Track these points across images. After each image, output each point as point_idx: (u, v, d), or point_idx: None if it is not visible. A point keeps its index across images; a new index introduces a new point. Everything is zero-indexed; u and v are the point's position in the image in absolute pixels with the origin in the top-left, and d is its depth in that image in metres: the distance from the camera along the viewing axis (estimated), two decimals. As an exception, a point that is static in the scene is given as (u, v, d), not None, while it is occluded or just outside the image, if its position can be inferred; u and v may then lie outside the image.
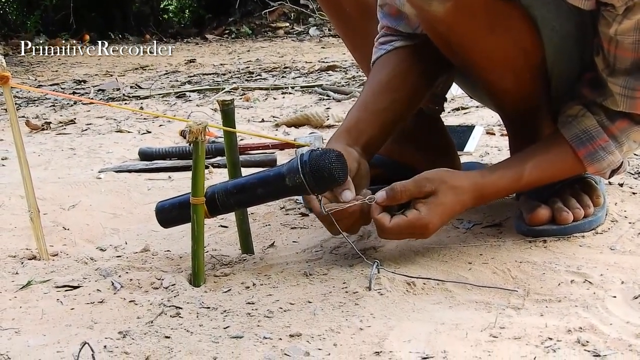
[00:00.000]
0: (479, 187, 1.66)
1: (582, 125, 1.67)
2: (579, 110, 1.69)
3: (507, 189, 1.72)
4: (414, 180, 1.61)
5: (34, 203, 1.77)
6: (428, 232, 1.60)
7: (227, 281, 1.61)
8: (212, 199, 1.60)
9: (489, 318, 1.37)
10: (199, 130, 1.54)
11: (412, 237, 1.64)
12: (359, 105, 1.79)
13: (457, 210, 1.64)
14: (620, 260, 1.59)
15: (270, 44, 6.97)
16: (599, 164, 1.68)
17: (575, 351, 1.24)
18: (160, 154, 2.79)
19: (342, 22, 2.10)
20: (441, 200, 1.60)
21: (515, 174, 1.69)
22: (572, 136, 1.68)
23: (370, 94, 1.80)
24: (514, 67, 1.70)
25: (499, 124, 2.91)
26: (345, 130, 1.74)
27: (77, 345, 1.30)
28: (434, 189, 1.60)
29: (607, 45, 1.59)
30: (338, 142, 1.70)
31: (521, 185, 1.71)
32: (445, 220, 1.63)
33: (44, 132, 3.47)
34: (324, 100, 3.93)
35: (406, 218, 1.58)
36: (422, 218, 1.58)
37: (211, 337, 1.36)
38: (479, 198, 1.66)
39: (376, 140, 1.76)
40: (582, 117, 1.68)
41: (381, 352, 1.27)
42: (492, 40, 1.64)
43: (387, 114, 1.77)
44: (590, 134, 1.67)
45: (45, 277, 1.67)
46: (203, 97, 4.21)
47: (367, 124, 1.75)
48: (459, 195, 1.62)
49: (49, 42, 7.42)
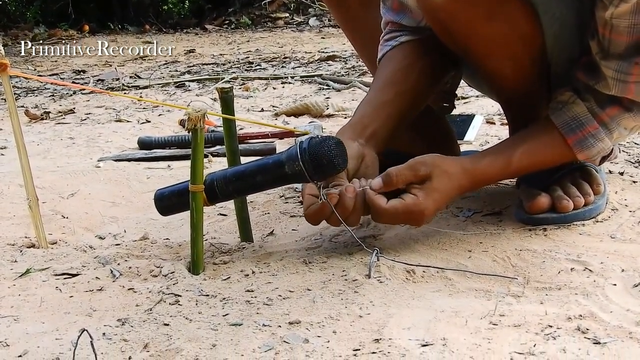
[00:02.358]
0: (470, 173, 1.65)
1: (572, 112, 1.67)
2: (569, 96, 1.69)
3: (497, 175, 1.73)
4: (408, 165, 1.60)
5: (32, 191, 1.76)
6: (423, 218, 1.59)
7: (226, 269, 1.61)
8: (211, 186, 1.59)
9: (488, 306, 1.37)
10: (197, 118, 1.53)
11: (407, 222, 1.63)
12: (364, 103, 1.78)
13: (452, 196, 1.64)
14: (620, 249, 1.59)
15: (270, 34, 6.96)
16: (589, 151, 1.68)
17: (575, 338, 1.24)
18: (160, 143, 2.79)
19: (342, 11, 2.09)
20: (436, 186, 1.59)
21: (504, 160, 1.69)
22: (562, 123, 1.68)
23: (376, 90, 1.80)
24: (513, 54, 1.69)
25: (499, 113, 2.90)
26: (349, 125, 1.73)
27: (75, 333, 1.30)
28: (429, 172, 1.59)
29: (602, 29, 1.58)
30: (345, 137, 1.68)
31: (511, 171, 1.72)
32: (440, 207, 1.62)
33: (43, 122, 3.47)
34: (324, 89, 3.93)
35: (404, 202, 1.57)
36: (419, 203, 1.57)
37: (210, 325, 1.36)
38: (471, 184, 1.67)
39: (382, 133, 1.74)
40: (572, 104, 1.68)
41: (380, 340, 1.27)
42: (491, 27, 1.64)
43: (391, 107, 1.76)
44: (579, 121, 1.67)
45: (44, 265, 1.67)
46: (202, 87, 4.21)
47: (371, 118, 1.74)
48: (453, 180, 1.62)
49: (48, 33, 7.41)
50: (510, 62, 1.71)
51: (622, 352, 1.19)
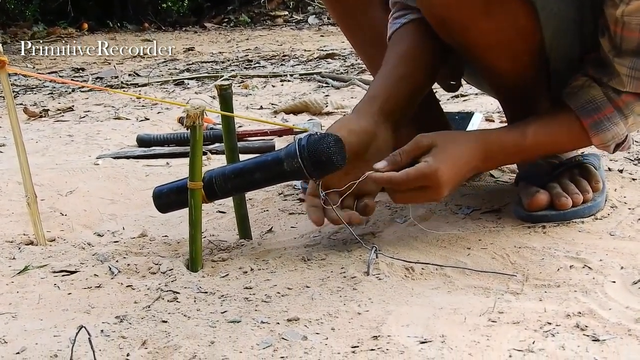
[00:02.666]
0: (483, 140, 1.65)
1: (588, 95, 1.67)
2: (584, 80, 1.69)
3: (511, 145, 1.68)
4: (411, 141, 1.60)
5: (31, 188, 1.76)
6: (440, 182, 1.55)
7: (225, 266, 1.61)
8: (210, 183, 1.59)
9: (487, 303, 1.37)
10: (196, 115, 1.53)
11: (426, 194, 1.58)
12: (380, 76, 1.76)
13: (465, 160, 1.61)
14: (619, 246, 1.59)
15: (269, 32, 6.95)
16: (604, 134, 1.68)
17: (574, 336, 1.24)
18: (158, 140, 2.79)
19: (340, 12, 2.08)
20: (445, 149, 1.57)
21: (520, 131, 1.68)
22: (578, 106, 1.68)
23: (391, 63, 1.77)
24: (511, 49, 1.68)
25: (498, 110, 2.90)
26: (367, 100, 1.71)
27: (74, 330, 1.30)
28: (432, 141, 1.58)
29: (613, 26, 1.58)
30: (362, 111, 1.68)
31: (526, 145, 1.68)
32: (457, 173, 1.59)
33: (41, 120, 3.47)
34: (323, 87, 3.92)
35: (414, 167, 1.55)
36: (430, 165, 1.54)
37: (209, 322, 1.35)
38: (486, 152, 1.64)
39: (399, 108, 1.72)
40: (588, 88, 1.68)
41: (379, 337, 1.26)
42: (489, 22, 1.63)
43: (408, 82, 1.74)
44: (596, 104, 1.67)
45: (43, 262, 1.67)
46: (201, 85, 4.20)
47: (388, 92, 1.71)
48: (462, 145, 1.61)
49: (47, 31, 7.40)
50: (509, 57, 1.70)
51: (621, 349, 1.19)
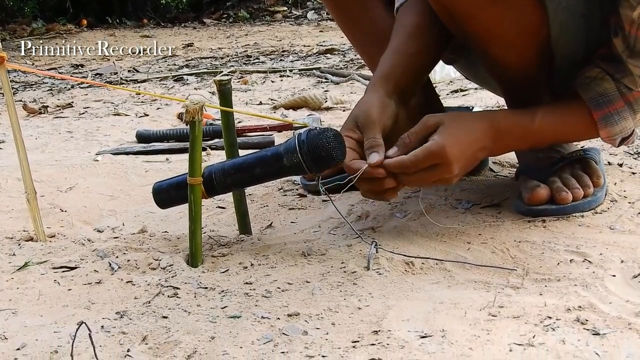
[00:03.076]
0: (491, 118, 1.65)
1: (601, 87, 1.67)
2: (597, 72, 1.68)
3: (519, 126, 1.68)
4: (418, 122, 1.60)
5: (30, 185, 1.76)
6: (448, 158, 1.54)
7: (225, 262, 1.61)
8: (210, 179, 1.59)
9: (487, 297, 1.37)
10: (195, 110, 1.53)
11: (436, 172, 1.57)
12: (391, 52, 1.75)
13: (473, 139, 1.60)
14: (619, 240, 1.59)
15: (268, 28, 6.95)
16: (612, 128, 1.68)
17: (575, 330, 1.24)
18: (158, 136, 2.78)
19: (340, 11, 2.07)
20: (452, 126, 1.57)
21: (528, 114, 1.68)
22: (590, 97, 1.68)
23: (402, 40, 1.76)
24: (517, 41, 1.67)
25: (497, 105, 2.90)
26: (382, 76, 1.70)
27: (74, 326, 1.30)
28: (440, 120, 1.58)
29: (628, 27, 1.57)
30: (376, 90, 1.67)
31: (534, 129, 1.68)
32: (465, 150, 1.58)
33: (41, 116, 3.47)
34: (322, 82, 3.93)
35: (422, 147, 1.55)
36: (437, 142, 1.54)
37: (209, 317, 1.35)
38: (492, 130, 1.63)
39: (411, 87, 1.73)
40: (600, 80, 1.68)
41: (379, 331, 1.26)
42: (496, 13, 1.62)
43: (418, 59, 1.74)
44: (608, 97, 1.67)
45: (43, 258, 1.67)
46: (201, 81, 4.20)
47: (401, 69, 1.71)
48: (470, 122, 1.61)
49: (46, 27, 7.40)
50: (514, 49, 1.69)
51: (621, 342, 1.19)
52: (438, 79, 3.50)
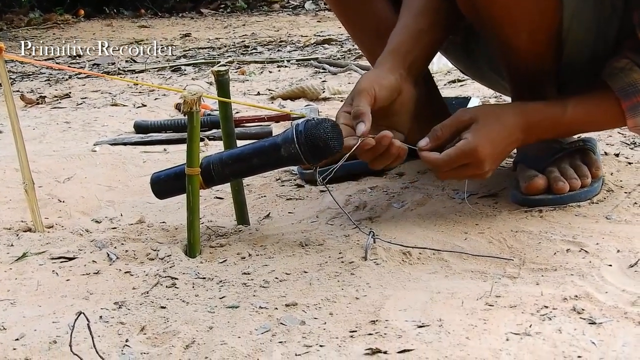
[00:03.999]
0: (523, 112, 1.66)
1: (630, 78, 1.68)
2: (626, 63, 1.68)
3: (551, 117, 1.69)
4: (452, 116, 1.63)
5: (28, 175, 1.76)
6: (480, 158, 1.58)
7: (223, 252, 1.61)
8: (207, 169, 1.59)
9: (484, 287, 1.37)
10: (193, 101, 1.53)
11: (468, 170, 1.61)
12: (400, 28, 1.76)
13: (505, 136, 1.63)
14: (615, 230, 1.59)
15: (265, 18, 6.93)
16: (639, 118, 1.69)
17: (571, 319, 1.24)
18: (156, 126, 2.78)
19: (340, 5, 2.06)
20: (485, 124, 1.60)
21: (560, 105, 1.69)
22: (619, 87, 1.68)
23: (410, 16, 1.77)
24: (531, 25, 1.67)
25: (495, 95, 2.90)
26: (390, 52, 1.71)
27: (72, 316, 1.30)
28: (473, 116, 1.61)
29: None
30: (387, 65, 1.68)
31: (565, 119, 1.69)
32: (497, 147, 1.61)
33: (39, 106, 3.46)
34: (320, 73, 3.92)
35: (454, 147, 1.58)
36: (469, 142, 1.57)
37: (207, 307, 1.36)
38: (527, 123, 1.65)
39: (420, 62, 1.73)
40: (629, 71, 1.68)
41: (377, 321, 1.27)
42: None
43: (427, 36, 1.74)
44: (636, 87, 1.67)
45: (41, 249, 1.67)
46: (198, 71, 4.20)
47: (410, 45, 1.72)
48: (503, 119, 1.63)
49: (44, 17, 7.38)
50: (526, 33, 1.68)
51: (617, 332, 1.20)
52: (436, 70, 3.49)
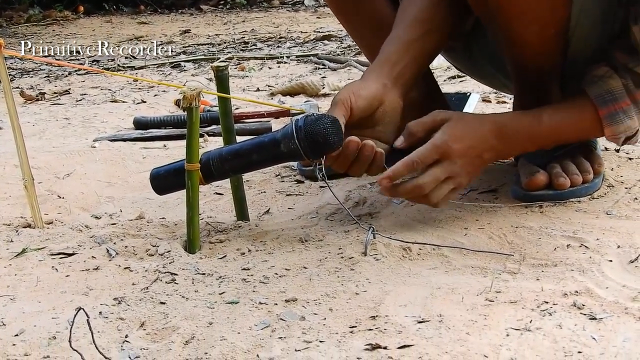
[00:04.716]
0: (498, 121, 1.65)
1: (608, 85, 1.67)
2: (605, 71, 1.68)
3: (527, 128, 1.68)
4: (427, 115, 1.62)
5: (28, 171, 1.76)
6: (451, 150, 1.57)
7: (223, 248, 1.61)
8: (207, 165, 1.59)
9: (485, 282, 1.37)
10: (192, 97, 1.53)
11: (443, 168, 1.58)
12: (391, 39, 1.75)
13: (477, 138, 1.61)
14: (616, 225, 1.59)
15: (265, 14, 6.93)
16: (617, 126, 1.68)
17: (572, 314, 1.24)
18: (155, 122, 2.78)
19: (338, 3, 2.05)
20: (457, 124, 1.60)
21: (535, 115, 1.68)
22: (596, 95, 1.68)
23: (403, 27, 1.76)
24: (541, 20, 1.65)
25: (494, 91, 2.89)
26: (377, 64, 1.71)
27: (72, 312, 1.30)
28: (447, 116, 1.60)
29: None
30: (371, 76, 1.67)
31: (542, 130, 1.68)
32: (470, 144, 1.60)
33: (38, 103, 3.46)
34: (320, 69, 3.92)
35: (426, 143, 1.57)
36: (440, 137, 1.57)
37: (207, 303, 1.36)
38: (498, 132, 1.64)
39: (409, 72, 1.71)
40: (608, 78, 1.67)
41: (377, 317, 1.27)
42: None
43: (419, 46, 1.73)
44: (614, 95, 1.67)
45: (40, 244, 1.67)
46: (198, 67, 4.19)
47: (398, 55, 1.71)
48: (477, 122, 1.63)
49: (43, 14, 7.37)
50: (536, 27, 1.66)
51: (617, 327, 1.19)
52: (435, 65, 3.49)
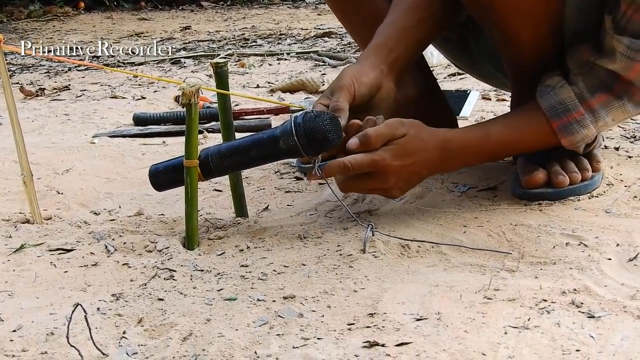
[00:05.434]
0: (444, 139, 1.64)
1: (559, 96, 1.67)
2: (557, 80, 1.68)
3: (474, 144, 1.68)
4: (386, 124, 1.58)
5: (27, 167, 1.76)
6: (385, 171, 1.56)
7: (221, 244, 1.61)
8: (206, 161, 1.59)
9: (483, 280, 1.37)
10: (192, 93, 1.53)
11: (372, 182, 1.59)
12: (386, 24, 1.75)
13: (422, 158, 1.60)
14: (615, 223, 1.59)
15: (265, 11, 6.94)
16: (573, 137, 1.68)
17: (570, 312, 1.24)
18: (155, 119, 2.78)
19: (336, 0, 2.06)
20: (408, 140, 1.58)
21: (484, 131, 1.69)
22: (548, 107, 1.67)
23: (398, 13, 1.76)
24: (535, 17, 1.65)
25: (494, 88, 2.89)
26: (373, 48, 1.71)
27: (70, 308, 1.30)
28: (405, 132, 1.58)
29: (625, 7, 1.57)
30: (369, 61, 1.67)
31: (491, 145, 1.68)
32: (407, 166, 1.59)
33: (38, 98, 3.46)
34: (320, 66, 3.92)
35: (369, 154, 1.55)
36: (380, 154, 1.55)
37: (205, 299, 1.36)
38: (444, 150, 1.63)
39: (403, 59, 1.72)
40: (560, 88, 1.67)
41: (375, 314, 1.27)
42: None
43: (414, 33, 1.74)
44: (566, 106, 1.66)
45: (39, 240, 1.67)
46: (198, 64, 4.19)
47: (395, 41, 1.71)
48: (423, 144, 1.60)
49: (44, 10, 7.37)
50: (531, 25, 1.66)
51: (616, 325, 1.19)
52: (435, 63, 3.49)
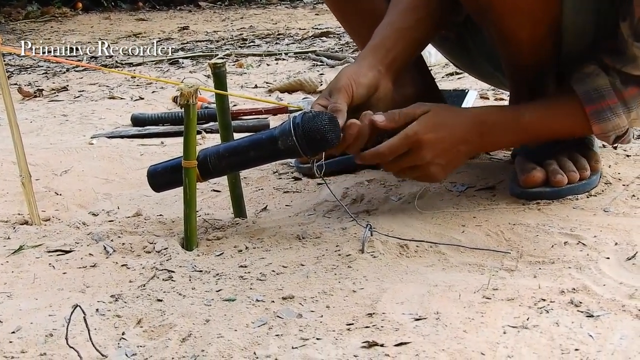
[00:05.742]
0: (477, 114, 1.66)
1: (595, 83, 1.67)
2: (594, 69, 1.68)
3: (508, 120, 1.69)
4: (410, 106, 1.62)
5: (25, 168, 1.76)
6: (420, 143, 1.58)
7: (220, 245, 1.61)
8: (204, 162, 1.59)
9: (482, 280, 1.37)
10: (190, 93, 1.53)
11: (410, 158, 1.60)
12: (384, 24, 1.75)
13: (456, 129, 1.62)
14: (613, 222, 1.59)
15: (263, 11, 6.94)
16: (605, 124, 1.68)
17: (569, 312, 1.24)
18: (153, 119, 2.78)
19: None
20: (434, 116, 1.60)
21: (517, 110, 1.69)
22: (583, 92, 1.67)
23: (396, 13, 1.76)
24: (534, 17, 1.65)
25: (492, 88, 2.89)
26: (371, 49, 1.71)
27: (69, 309, 1.30)
28: (427, 108, 1.60)
29: (639, 13, 1.57)
30: (367, 61, 1.68)
31: (523, 124, 1.68)
32: (443, 137, 1.60)
33: (36, 99, 3.46)
34: (318, 66, 3.92)
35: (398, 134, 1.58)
36: (412, 127, 1.58)
37: (204, 300, 1.36)
38: (480, 124, 1.65)
39: (401, 59, 1.73)
40: (595, 76, 1.67)
41: (374, 314, 1.27)
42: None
43: (412, 33, 1.74)
44: (600, 93, 1.66)
45: (37, 241, 1.67)
46: (196, 64, 4.19)
47: (392, 41, 1.72)
48: (455, 114, 1.63)
49: (41, 10, 7.37)
50: (529, 24, 1.66)
51: (614, 324, 1.19)
52: (433, 62, 3.49)
